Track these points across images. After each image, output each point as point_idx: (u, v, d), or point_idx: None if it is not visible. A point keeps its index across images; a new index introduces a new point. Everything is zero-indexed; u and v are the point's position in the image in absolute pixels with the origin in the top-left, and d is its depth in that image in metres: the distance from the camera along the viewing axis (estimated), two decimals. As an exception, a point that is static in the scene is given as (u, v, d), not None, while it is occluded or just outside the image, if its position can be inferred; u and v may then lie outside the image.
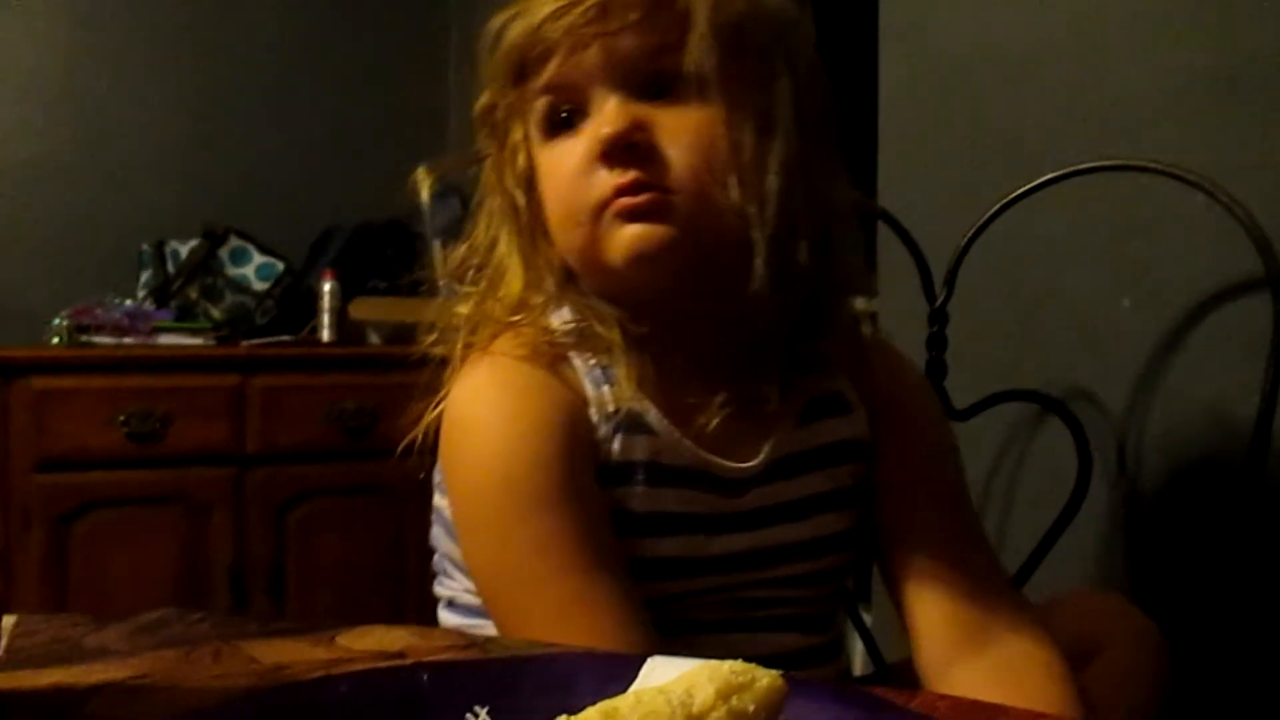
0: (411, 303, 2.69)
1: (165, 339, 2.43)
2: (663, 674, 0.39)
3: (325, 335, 2.55)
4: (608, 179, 0.71)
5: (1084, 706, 0.70)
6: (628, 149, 0.71)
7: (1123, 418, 1.27)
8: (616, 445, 0.73)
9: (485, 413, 0.75)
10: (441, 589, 0.85)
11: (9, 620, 0.56)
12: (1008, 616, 0.74)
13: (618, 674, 0.41)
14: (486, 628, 0.76)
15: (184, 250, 2.61)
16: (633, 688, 0.39)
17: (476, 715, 0.40)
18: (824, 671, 0.78)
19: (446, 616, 0.83)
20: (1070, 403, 1.28)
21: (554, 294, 0.77)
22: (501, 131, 0.79)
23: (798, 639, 0.78)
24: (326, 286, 2.54)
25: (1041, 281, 1.35)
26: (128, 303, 2.50)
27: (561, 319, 0.77)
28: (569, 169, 0.73)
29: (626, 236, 0.71)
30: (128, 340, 2.40)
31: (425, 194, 0.83)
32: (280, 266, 2.63)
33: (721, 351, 0.78)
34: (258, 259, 2.64)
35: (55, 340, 2.36)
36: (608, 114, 0.71)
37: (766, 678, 0.38)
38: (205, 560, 2.34)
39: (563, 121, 0.74)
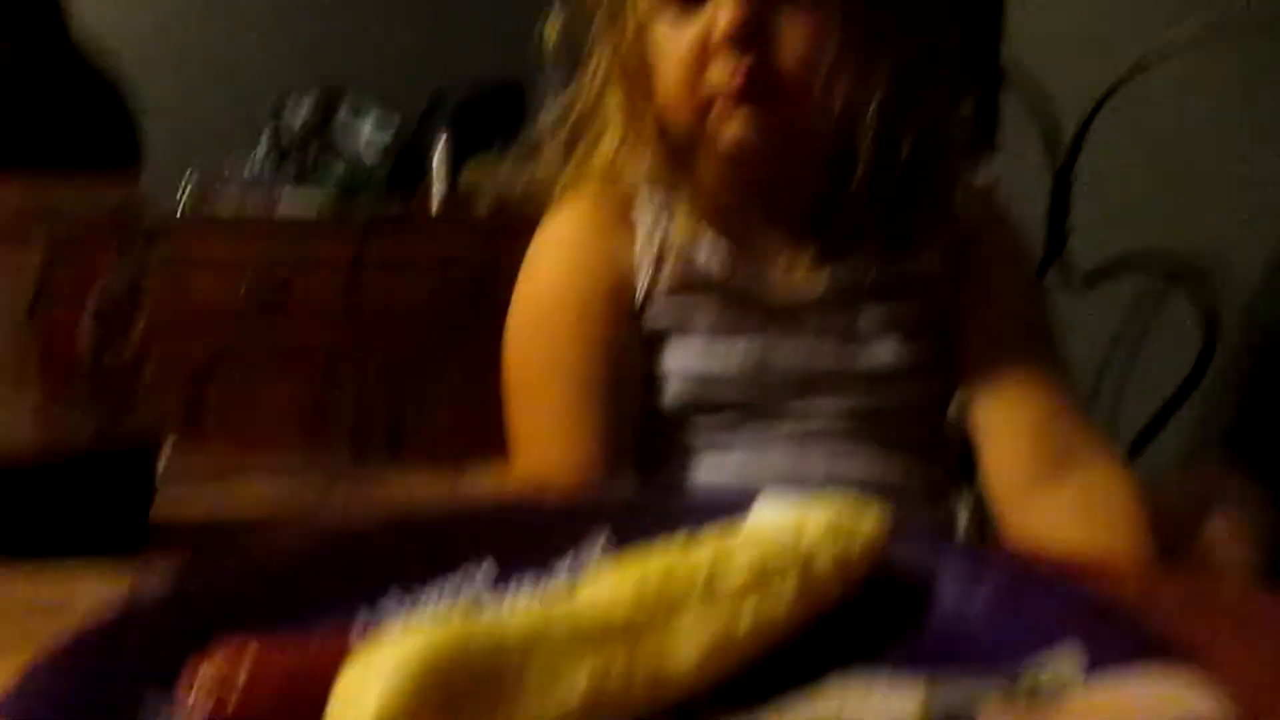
0: (521, 167, 2.71)
1: (284, 202, 2.51)
2: (774, 509, 0.41)
3: (436, 200, 2.58)
4: (722, 68, 0.72)
5: (1155, 541, 0.71)
6: (745, 38, 0.71)
7: (1253, 291, 1.22)
8: (664, 275, 0.78)
9: (537, 252, 0.83)
10: None
11: (163, 456, 0.60)
12: (1086, 450, 0.76)
13: (732, 507, 0.42)
14: None
15: (299, 115, 2.66)
16: (744, 523, 0.40)
17: (596, 542, 0.42)
18: (929, 506, 0.81)
19: None
20: (1200, 275, 1.23)
21: (645, 146, 0.80)
22: None
23: (891, 469, 0.80)
24: (438, 152, 2.57)
25: (1177, 144, 1.29)
26: (247, 166, 2.57)
27: (639, 170, 0.81)
28: (684, 49, 0.74)
29: (735, 124, 0.73)
30: (250, 203, 2.48)
31: (551, 44, 0.85)
32: (393, 130, 2.66)
33: (802, 209, 0.80)
34: (371, 123, 2.67)
35: (184, 202, 2.46)
36: (728, 4, 0.71)
37: (874, 518, 0.39)
38: (327, 419, 2.46)
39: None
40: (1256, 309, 1.22)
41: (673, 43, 0.75)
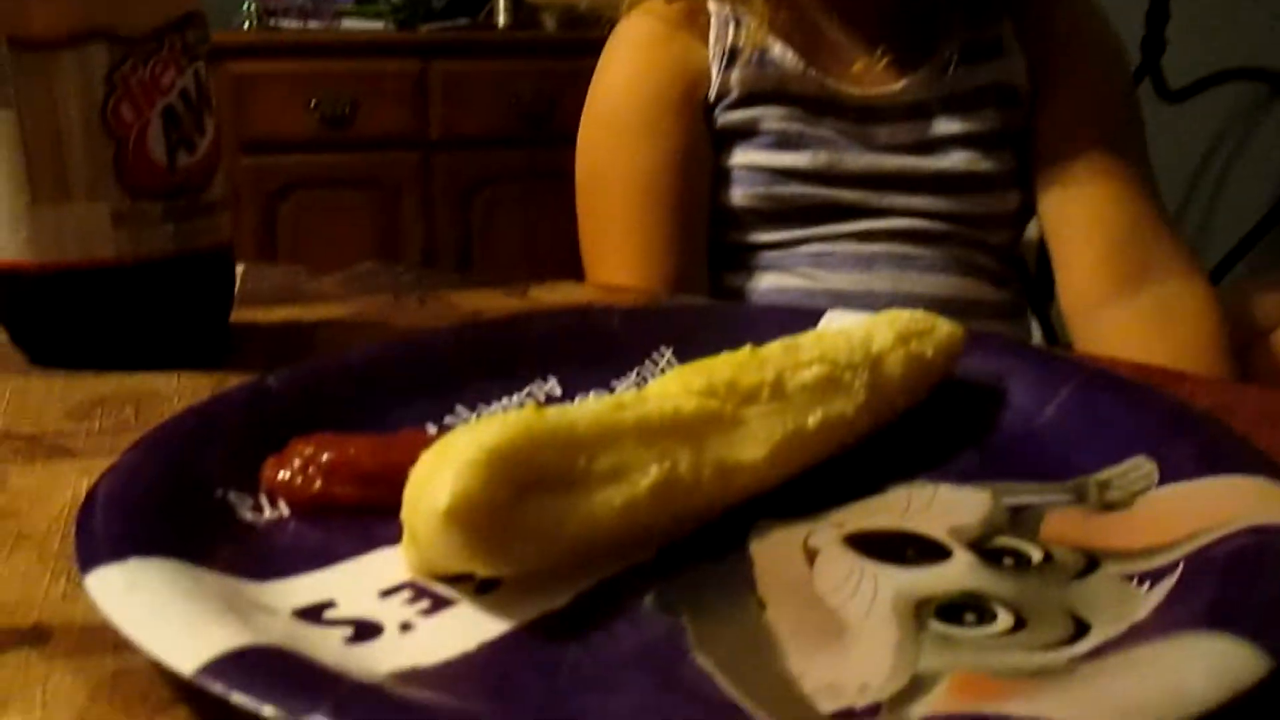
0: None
1: (347, 23, 2.46)
2: (842, 322, 0.40)
3: (501, 19, 2.52)
4: None
5: (1229, 357, 0.70)
6: None
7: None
8: (735, 78, 0.76)
9: (608, 58, 0.82)
10: None
11: (240, 268, 0.61)
12: (1165, 261, 0.74)
13: (799, 322, 0.42)
14: None
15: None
16: (813, 331, 0.40)
17: (662, 355, 0.42)
18: (1000, 326, 0.80)
19: None
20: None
21: None
22: None
23: (959, 288, 0.79)
24: (502, -34, 2.48)
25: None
26: (309, -14, 2.52)
27: None
28: None
29: None
30: (312, 24, 2.44)
31: None
32: (454, -54, 2.57)
33: (879, 14, 0.77)
34: (431, -60, 2.58)
35: (248, 25, 2.42)
36: None
37: (947, 326, 0.38)
38: (397, 241, 2.48)
39: None
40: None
41: None
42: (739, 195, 0.78)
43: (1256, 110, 1.25)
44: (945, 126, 0.77)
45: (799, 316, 0.43)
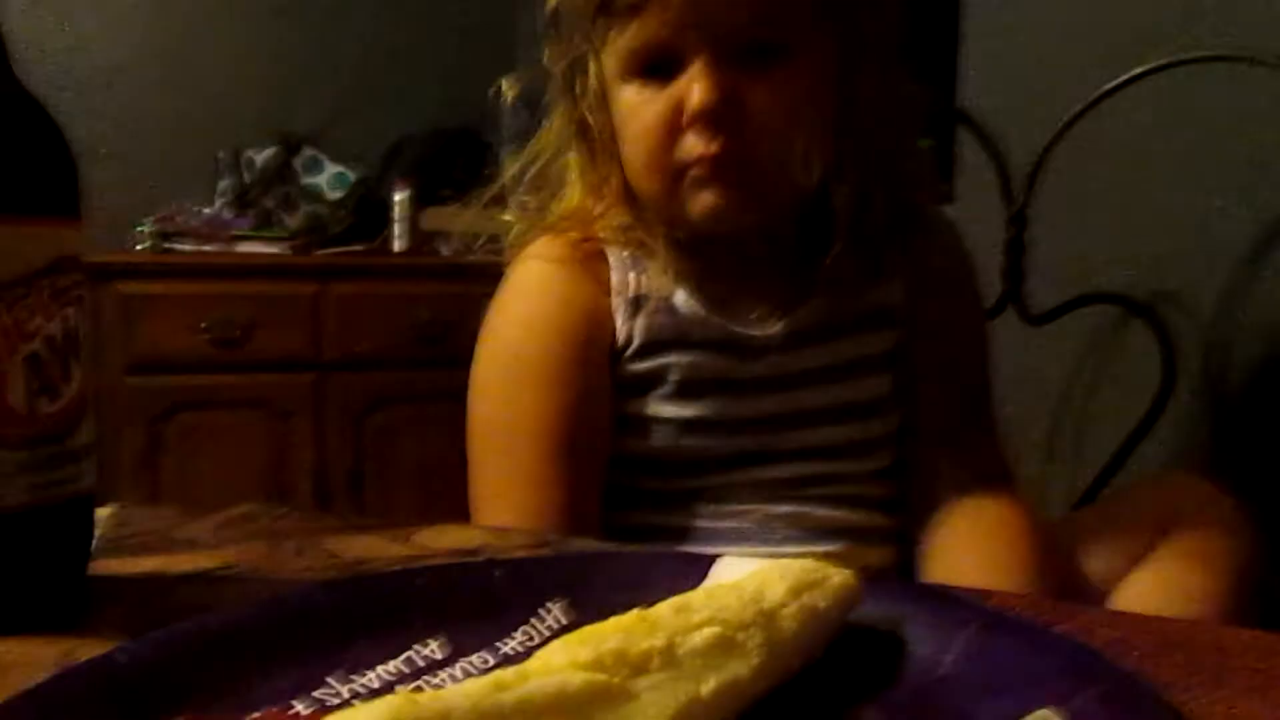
0: (481, 213, 2.70)
1: (244, 247, 2.47)
2: (734, 571, 0.39)
3: (398, 245, 2.57)
4: (694, 144, 0.71)
5: (1040, 574, 0.72)
6: (718, 117, 0.70)
7: (1210, 323, 1.23)
8: (639, 326, 0.77)
9: (507, 301, 0.81)
10: None
11: (104, 512, 0.58)
12: (995, 493, 0.76)
13: (689, 571, 0.41)
14: None
15: (259, 159, 2.64)
16: (703, 585, 0.39)
17: (550, 610, 0.40)
18: (884, 551, 0.80)
19: None
20: (1156, 307, 1.24)
21: (611, 205, 0.79)
22: (568, 46, 0.78)
23: (859, 516, 0.79)
24: (399, 196, 2.55)
25: (1128, 183, 1.30)
26: (207, 211, 2.54)
27: (609, 224, 0.80)
28: (653, 122, 0.73)
29: (706, 200, 0.73)
30: (209, 248, 2.45)
31: (509, 100, 0.84)
32: (353, 176, 2.64)
33: (774, 259, 0.80)
34: (330, 169, 2.65)
35: (143, 246, 2.42)
36: (701, 82, 0.70)
37: (839, 576, 0.38)
38: (288, 463, 2.41)
39: (649, 69, 0.73)
40: (1214, 341, 1.23)
41: (640, 113, 0.73)
42: (640, 445, 0.78)
43: (1114, 332, 1.33)
44: (831, 354, 0.79)
45: (690, 563, 0.42)
